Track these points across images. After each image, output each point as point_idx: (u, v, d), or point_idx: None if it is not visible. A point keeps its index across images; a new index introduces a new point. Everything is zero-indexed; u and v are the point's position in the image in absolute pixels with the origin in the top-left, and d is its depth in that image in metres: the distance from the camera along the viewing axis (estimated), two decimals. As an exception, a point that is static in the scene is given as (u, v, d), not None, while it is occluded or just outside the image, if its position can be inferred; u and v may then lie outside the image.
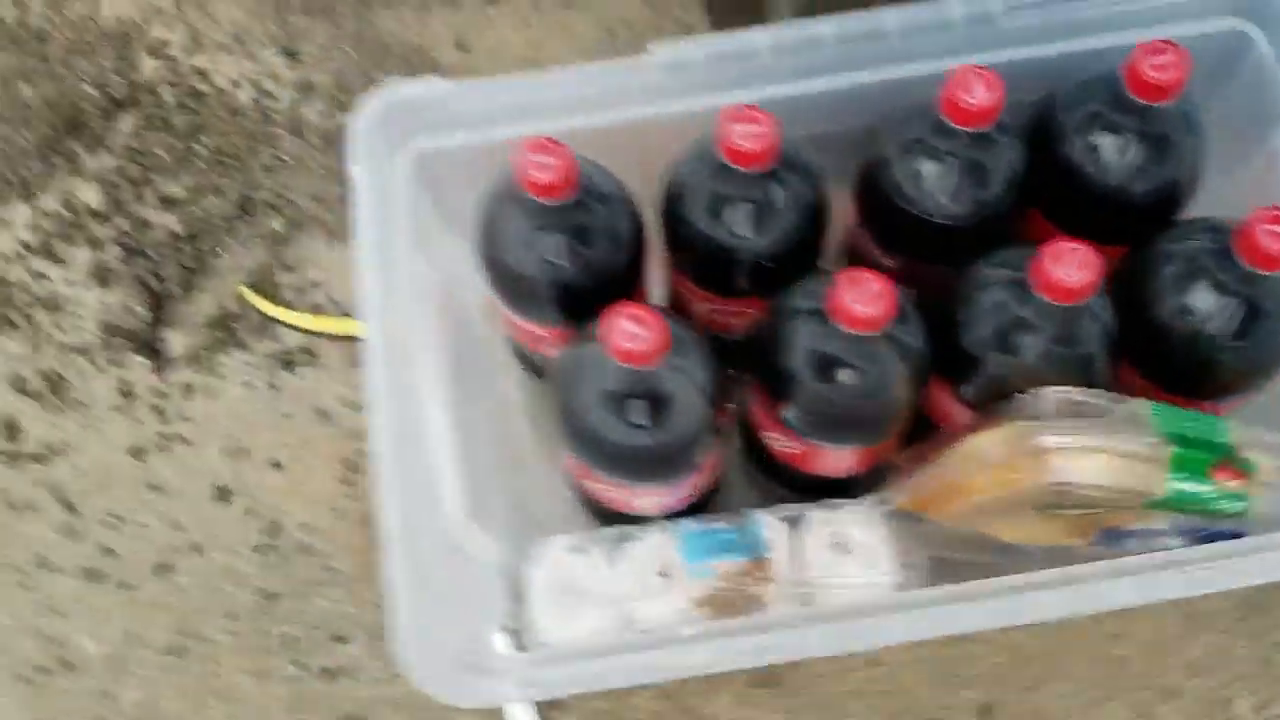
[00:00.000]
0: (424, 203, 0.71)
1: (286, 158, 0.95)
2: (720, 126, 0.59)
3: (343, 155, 0.93)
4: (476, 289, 0.74)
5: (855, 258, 0.74)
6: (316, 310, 0.91)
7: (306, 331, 0.90)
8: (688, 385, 0.62)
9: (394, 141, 0.66)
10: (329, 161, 0.95)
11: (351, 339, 0.90)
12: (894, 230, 0.69)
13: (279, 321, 0.90)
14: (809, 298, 0.62)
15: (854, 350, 0.60)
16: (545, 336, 0.72)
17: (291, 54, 0.97)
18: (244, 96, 0.96)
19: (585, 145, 0.65)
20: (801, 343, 0.62)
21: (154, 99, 0.96)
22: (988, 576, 0.67)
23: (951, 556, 0.75)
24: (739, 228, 0.64)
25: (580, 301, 0.67)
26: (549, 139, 0.58)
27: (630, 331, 0.56)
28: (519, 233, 0.64)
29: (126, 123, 0.95)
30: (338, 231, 0.93)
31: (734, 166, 0.60)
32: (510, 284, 0.67)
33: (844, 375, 0.62)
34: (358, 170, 0.69)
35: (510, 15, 0.99)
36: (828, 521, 0.75)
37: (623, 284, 0.68)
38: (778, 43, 0.66)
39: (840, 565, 0.74)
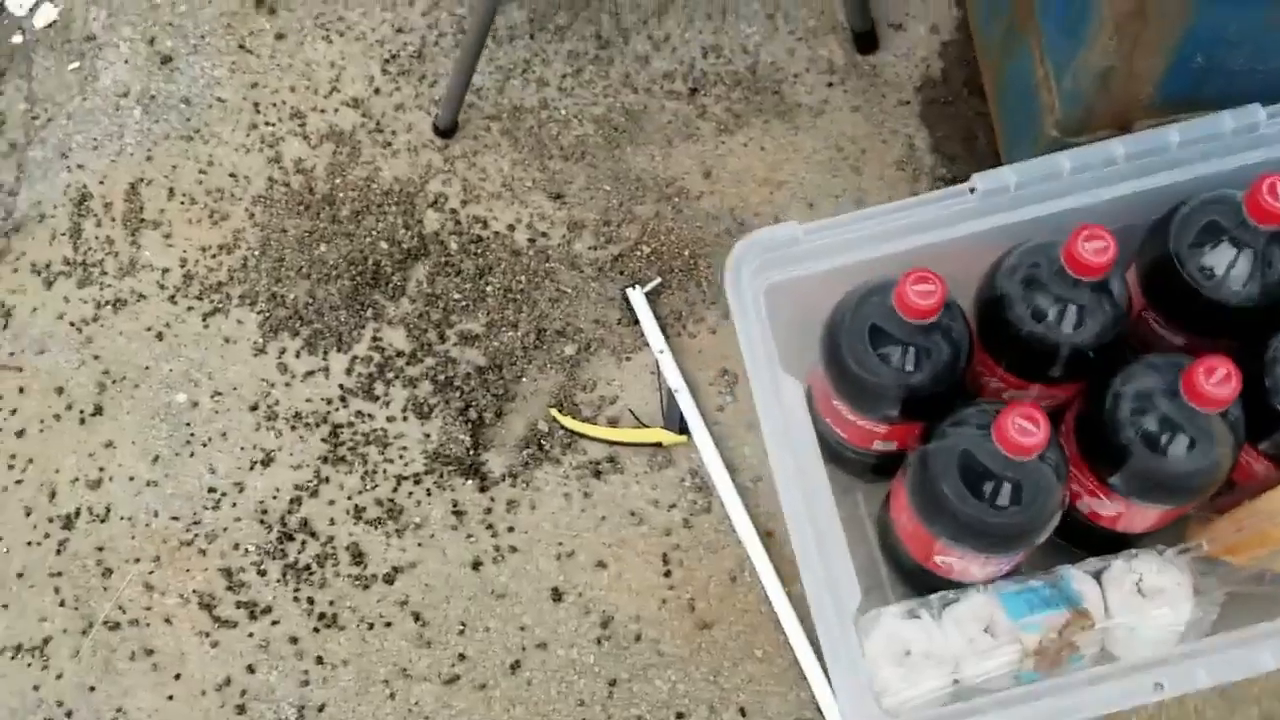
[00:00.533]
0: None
1: (567, 289, 1.06)
2: (1070, 243, 0.70)
3: (615, 283, 1.04)
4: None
5: (1141, 336, 0.84)
6: (614, 422, 1.02)
7: (610, 443, 1.00)
8: (1051, 470, 0.71)
9: (756, 275, 0.77)
10: (604, 289, 1.06)
11: (650, 445, 1.00)
12: (1184, 312, 0.79)
13: (585, 436, 1.00)
14: (1147, 380, 0.72)
15: (1201, 425, 0.70)
16: (881, 432, 0.81)
17: (557, 196, 1.09)
18: (520, 238, 1.08)
19: (907, 265, 0.76)
20: (1149, 418, 0.71)
21: (441, 248, 1.08)
22: (1270, 604, 0.76)
23: (1240, 591, 0.84)
24: (1073, 325, 0.74)
25: (927, 400, 0.77)
26: (927, 270, 0.69)
27: (1025, 428, 0.66)
28: (884, 346, 0.74)
29: (420, 271, 1.07)
30: (621, 350, 1.04)
31: (1076, 275, 0.71)
32: (863, 388, 0.77)
33: (1190, 447, 0.71)
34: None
35: (745, 142, 1.11)
36: (1129, 570, 0.83)
37: (961, 382, 0.78)
38: (1078, 163, 0.77)
39: (1145, 609, 0.83)
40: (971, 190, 0.77)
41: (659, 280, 1.05)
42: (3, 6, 1.21)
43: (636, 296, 1.04)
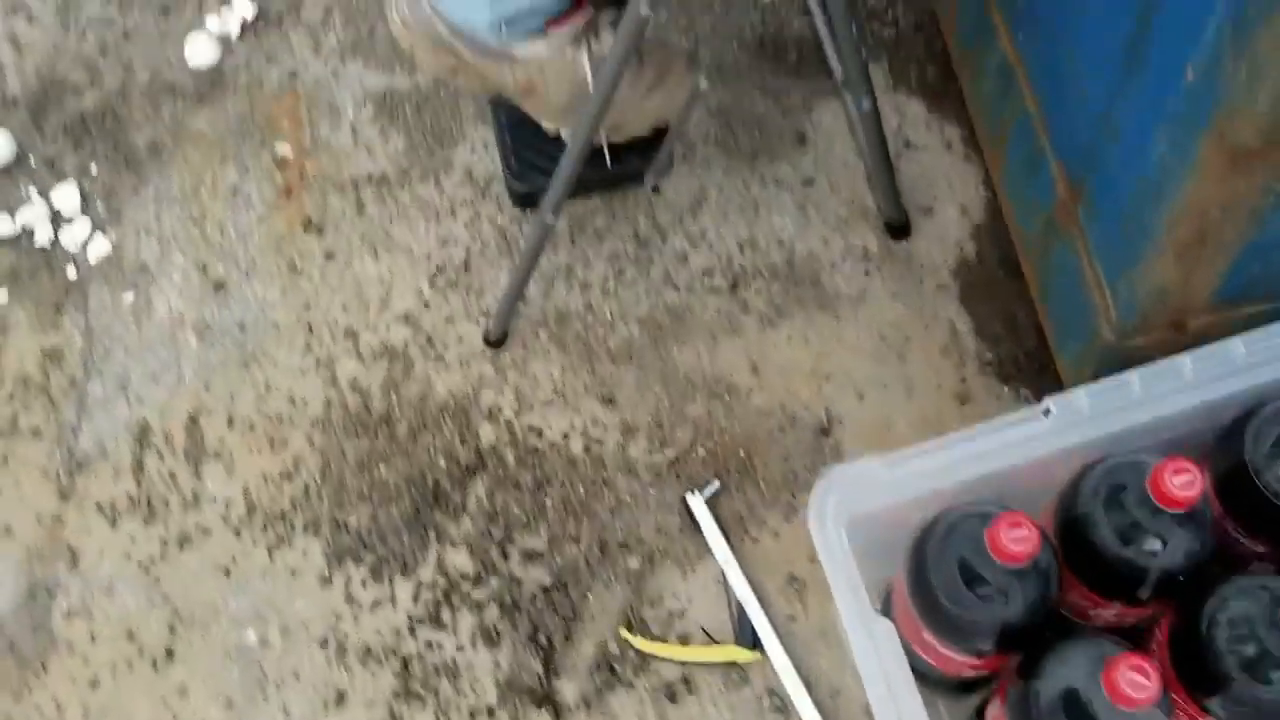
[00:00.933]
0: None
1: (626, 497, 1.06)
2: (1156, 476, 0.69)
3: (673, 488, 1.04)
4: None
5: (1221, 543, 0.82)
6: (684, 639, 1.00)
7: (684, 663, 0.99)
8: (1163, 715, 0.70)
9: (838, 513, 0.77)
10: (662, 496, 1.06)
11: (724, 664, 0.99)
12: (1263, 520, 0.78)
13: (659, 658, 0.99)
14: (1245, 606, 0.71)
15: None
16: (972, 663, 0.80)
17: (609, 401, 1.10)
18: (576, 446, 1.08)
19: (984, 489, 0.75)
20: (1249, 647, 0.70)
21: (498, 461, 1.08)
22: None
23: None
24: (1160, 552, 0.73)
25: (1022, 633, 0.75)
26: (1020, 515, 0.69)
27: (1138, 682, 0.64)
28: (979, 588, 0.74)
29: (479, 487, 1.07)
30: (685, 560, 1.03)
31: (1163, 507, 0.70)
32: (957, 628, 0.76)
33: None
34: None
35: (789, 334, 1.11)
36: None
37: (1055, 611, 0.76)
38: (1147, 380, 0.77)
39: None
40: (1045, 413, 0.78)
41: (717, 484, 1.05)
42: (57, 240, 1.24)
43: (696, 503, 1.04)
